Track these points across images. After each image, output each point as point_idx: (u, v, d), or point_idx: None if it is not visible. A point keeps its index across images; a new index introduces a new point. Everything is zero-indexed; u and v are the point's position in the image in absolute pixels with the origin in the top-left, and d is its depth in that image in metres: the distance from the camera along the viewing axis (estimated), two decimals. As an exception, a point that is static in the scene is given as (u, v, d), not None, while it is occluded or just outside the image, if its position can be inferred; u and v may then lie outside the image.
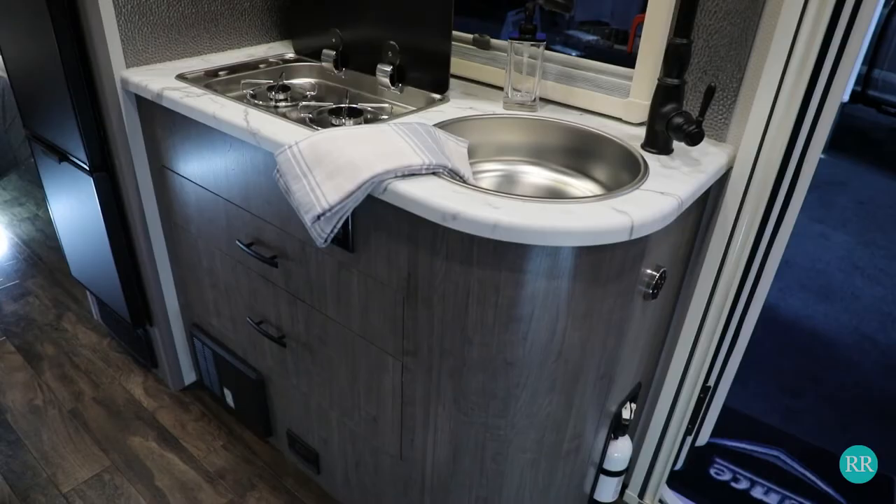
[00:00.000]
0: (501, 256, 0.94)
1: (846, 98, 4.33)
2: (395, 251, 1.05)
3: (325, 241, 1.02)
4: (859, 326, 2.65)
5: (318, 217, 0.98)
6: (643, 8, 1.18)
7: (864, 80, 4.38)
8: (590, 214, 0.90)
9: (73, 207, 1.80)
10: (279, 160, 1.04)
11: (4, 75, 2.38)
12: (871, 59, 4.29)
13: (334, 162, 0.99)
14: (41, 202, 3.05)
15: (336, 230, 1.01)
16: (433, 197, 0.93)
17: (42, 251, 2.70)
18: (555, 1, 0.97)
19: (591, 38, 4.03)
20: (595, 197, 0.96)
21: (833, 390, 2.26)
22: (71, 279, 2.48)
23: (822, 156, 4.62)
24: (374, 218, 1.05)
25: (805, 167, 1.21)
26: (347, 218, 1.05)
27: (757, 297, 1.44)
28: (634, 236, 0.91)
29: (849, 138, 4.63)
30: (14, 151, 2.44)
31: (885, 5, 4.13)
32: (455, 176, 1.01)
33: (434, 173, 0.99)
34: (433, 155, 1.00)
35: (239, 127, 1.18)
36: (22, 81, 1.75)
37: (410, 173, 0.98)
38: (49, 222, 2.88)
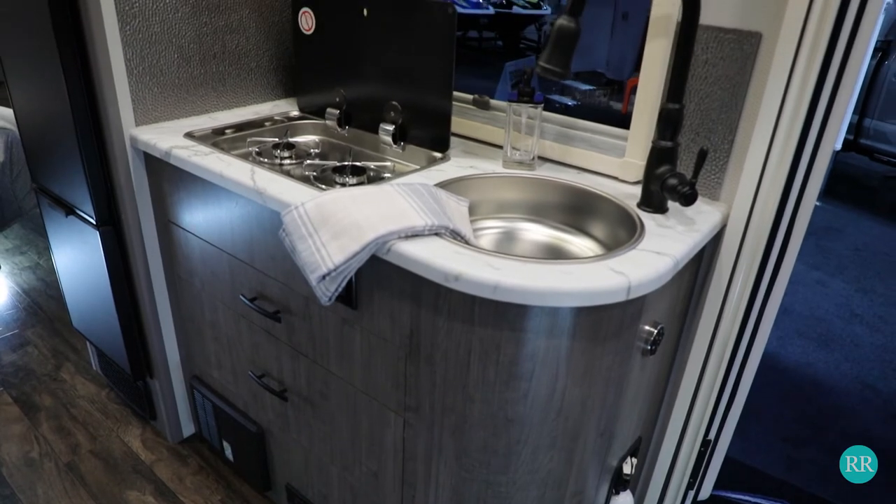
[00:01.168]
0: (502, 316, 0.96)
1: (839, 147, 4.42)
2: (398, 309, 1.07)
3: (330, 299, 1.04)
4: (860, 375, 2.65)
5: (324, 277, 1.00)
6: (637, 63, 1.23)
7: (855, 128, 4.47)
8: (588, 275, 0.93)
9: (78, 260, 1.82)
10: (285, 220, 1.07)
11: (13, 128, 2.43)
12: (862, 108, 4.39)
13: (339, 223, 1.02)
14: (43, 251, 3.07)
15: (340, 289, 1.03)
16: (436, 258, 0.95)
17: (42, 300, 2.71)
18: (550, 69, 1.01)
19: (587, 87, 4.13)
20: (593, 257, 0.98)
21: (835, 440, 2.25)
22: (71, 329, 2.49)
23: (818, 203, 4.67)
24: (378, 276, 1.08)
25: (799, 218, 1.23)
26: (351, 276, 1.07)
27: (755, 347, 1.45)
28: (632, 296, 0.93)
29: (843, 185, 4.71)
30: (19, 202, 2.47)
31: (872, 56, 4.26)
32: (457, 236, 1.04)
33: (436, 234, 1.02)
34: (435, 216, 1.03)
35: (245, 186, 1.22)
36: (32, 135, 1.80)
37: (413, 234, 1.00)
38: (50, 271, 2.90)
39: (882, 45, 4.22)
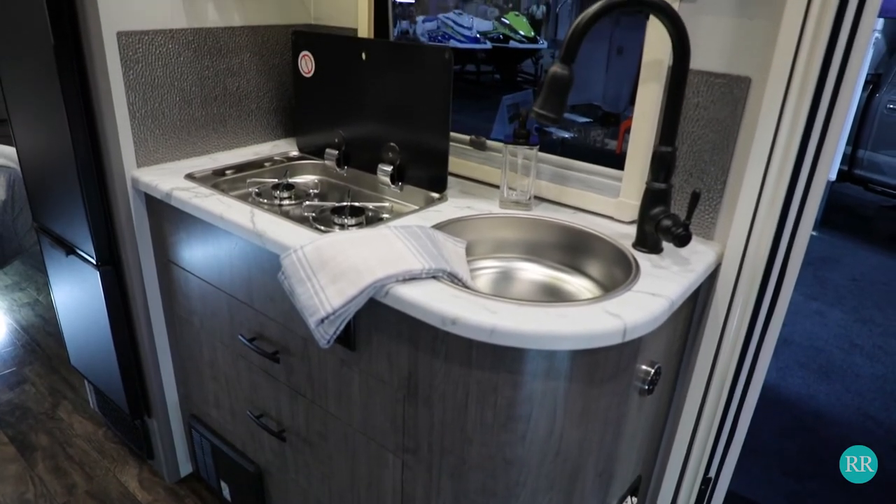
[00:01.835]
0: (499, 358, 0.96)
1: (833, 177, 4.47)
2: (396, 351, 1.08)
3: (329, 342, 1.05)
4: (862, 406, 2.64)
5: (322, 320, 1.01)
6: (632, 96, 1.26)
7: (849, 159, 4.52)
8: (584, 318, 0.93)
9: (77, 298, 1.83)
10: (284, 263, 1.08)
11: (15, 166, 2.46)
12: (855, 139, 4.44)
13: (338, 266, 1.03)
14: (42, 287, 3.08)
15: (339, 331, 1.04)
16: (433, 301, 0.96)
17: (41, 337, 2.71)
18: (544, 115, 1.03)
19: (584, 119, 4.20)
20: (589, 300, 0.99)
21: (838, 473, 2.23)
22: (69, 367, 2.48)
23: (814, 233, 4.70)
24: (376, 319, 1.08)
25: (794, 254, 1.24)
26: (350, 318, 1.08)
27: (754, 382, 1.45)
28: (627, 339, 0.94)
29: (839, 215, 4.74)
30: (20, 239, 2.49)
31: (864, 89, 4.33)
32: (454, 279, 1.05)
33: (434, 277, 1.03)
34: (433, 259, 1.04)
35: (245, 228, 1.23)
36: (34, 174, 1.82)
37: (411, 277, 1.01)
38: (49, 307, 2.90)
39: (872, 77, 4.30)
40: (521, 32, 5.47)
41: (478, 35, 5.44)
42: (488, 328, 0.91)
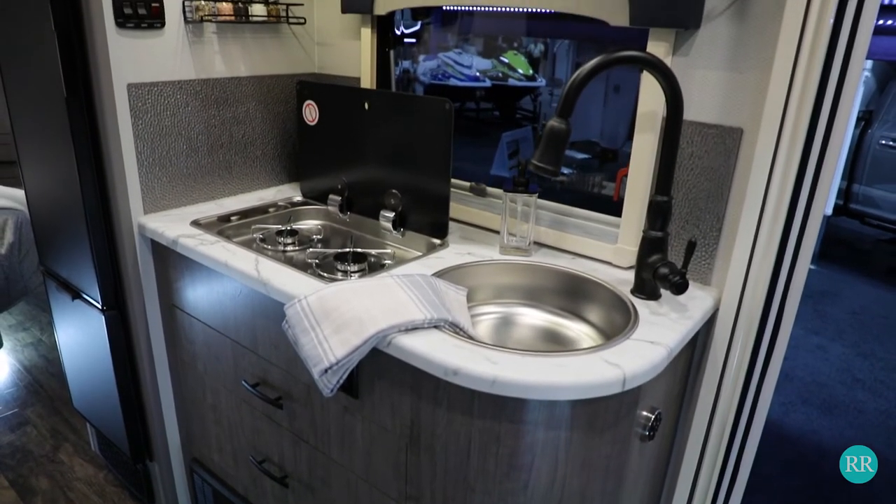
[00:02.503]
0: (501, 408, 0.98)
1: (829, 212, 4.51)
2: (399, 399, 1.09)
3: (332, 391, 1.06)
4: (865, 442, 2.62)
5: (326, 370, 1.02)
6: (630, 132, 1.29)
7: (844, 194, 4.57)
8: (583, 368, 0.95)
9: (82, 341, 1.84)
10: (289, 313, 1.10)
11: (23, 209, 2.49)
12: (850, 174, 4.50)
13: (342, 316, 1.05)
14: (45, 326, 3.09)
15: (342, 380, 1.05)
16: (435, 352, 0.97)
17: (43, 378, 2.71)
18: (542, 168, 1.07)
19: (582, 156, 4.26)
20: (588, 349, 1.01)
21: (843, 512, 2.21)
22: (71, 408, 2.47)
23: (813, 266, 4.72)
24: (379, 367, 1.10)
25: (790, 298, 1.26)
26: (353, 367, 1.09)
27: (755, 423, 1.45)
28: (627, 388, 0.95)
29: (837, 249, 4.77)
30: (25, 281, 2.51)
31: (856, 125, 4.40)
32: (456, 328, 1.06)
33: (436, 326, 1.05)
34: (434, 309, 1.06)
35: (250, 276, 1.25)
36: (42, 218, 1.85)
37: (413, 327, 1.03)
38: (52, 347, 2.91)
39: (864, 114, 4.37)
40: (520, 71, 5.57)
41: (477, 74, 5.54)
42: (489, 379, 0.93)
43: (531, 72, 5.63)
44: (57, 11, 1.40)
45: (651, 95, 1.22)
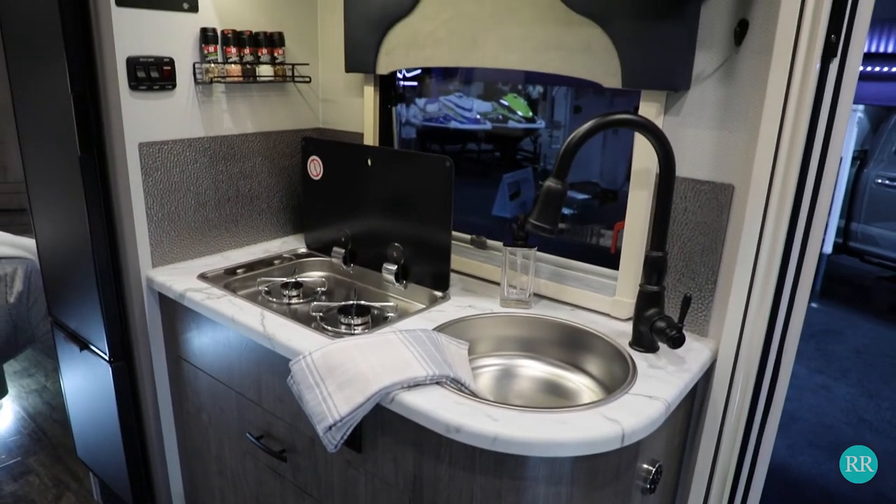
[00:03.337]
0: (502, 465, 0.99)
1: (829, 250, 4.53)
2: (402, 454, 1.10)
3: (336, 446, 1.08)
4: (874, 484, 2.59)
5: (330, 427, 1.04)
6: (628, 175, 1.33)
7: (843, 232, 4.60)
8: (583, 424, 0.97)
9: (88, 392, 1.86)
10: (294, 369, 1.12)
11: (33, 258, 2.54)
12: (848, 213, 4.54)
13: (346, 373, 1.07)
14: (51, 373, 3.10)
15: (346, 436, 1.07)
16: (437, 409, 1.00)
17: (47, 425, 2.71)
18: (540, 226, 1.10)
19: (583, 196, 4.32)
20: (587, 405, 1.03)
21: (853, 559, 2.18)
22: (74, 456, 2.47)
23: (814, 305, 4.71)
24: (382, 423, 1.12)
25: (787, 345, 1.28)
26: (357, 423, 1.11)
27: (758, 470, 1.45)
28: (626, 444, 0.97)
29: (838, 287, 4.78)
30: (33, 329, 2.54)
31: (852, 164, 4.46)
32: (457, 384, 1.08)
33: (437, 383, 1.07)
34: (436, 365, 1.08)
35: (256, 331, 1.28)
36: (52, 269, 1.89)
37: (416, 384, 1.05)
38: (56, 394, 2.91)
39: (859, 154, 4.44)
40: (520, 113, 5.67)
41: (478, 116, 5.64)
42: (490, 436, 0.95)
43: (531, 114, 5.74)
44: (74, 75, 1.46)
45: (645, 153, 1.27)
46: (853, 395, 3.31)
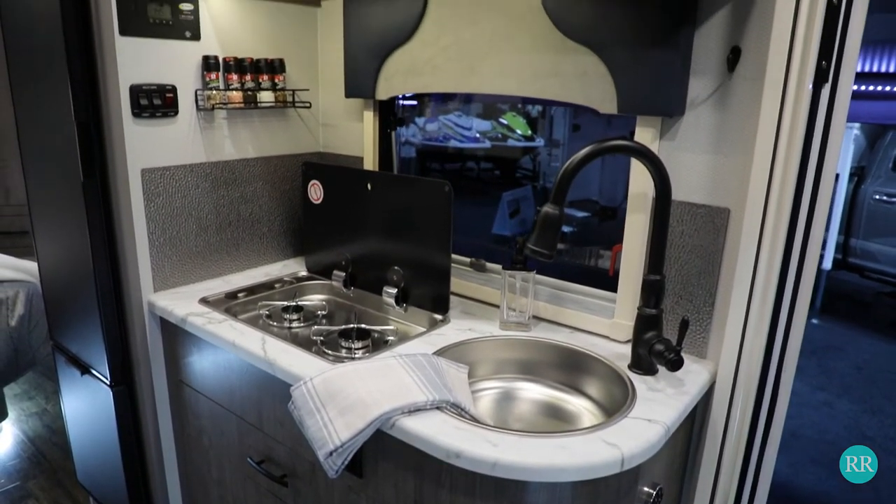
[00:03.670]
0: (503, 490, 0.99)
1: (828, 266, 4.55)
2: (403, 479, 1.11)
3: (337, 472, 1.08)
4: (879, 501, 2.58)
5: (331, 453, 1.05)
6: (626, 193, 1.34)
7: (842, 248, 4.62)
8: (583, 449, 0.97)
9: (89, 416, 1.86)
10: (294, 395, 1.13)
11: (34, 280, 2.55)
12: (846, 229, 4.56)
13: (346, 398, 1.08)
14: (51, 395, 3.09)
15: (347, 462, 1.07)
16: (437, 435, 1.00)
17: (46, 448, 2.70)
18: (538, 251, 1.11)
19: (582, 214, 4.35)
20: (587, 429, 1.03)
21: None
22: (73, 480, 2.46)
23: (815, 321, 4.70)
24: (383, 448, 1.12)
25: (786, 368, 1.28)
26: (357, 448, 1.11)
27: (760, 489, 1.45)
28: (626, 468, 0.97)
29: (838, 302, 4.78)
30: (34, 352, 2.54)
31: (849, 181, 4.49)
32: (457, 408, 1.09)
33: (437, 408, 1.07)
34: (436, 390, 1.09)
35: (257, 356, 1.29)
36: (54, 293, 1.90)
37: (416, 409, 1.06)
38: (56, 417, 2.91)
39: (857, 170, 4.47)
40: (519, 132, 5.71)
41: (477, 135, 5.68)
42: (490, 462, 0.95)
43: (530, 132, 5.78)
44: (77, 102, 1.49)
45: (641, 177, 1.28)
46: (855, 411, 3.30)
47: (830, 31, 1.10)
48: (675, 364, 1.14)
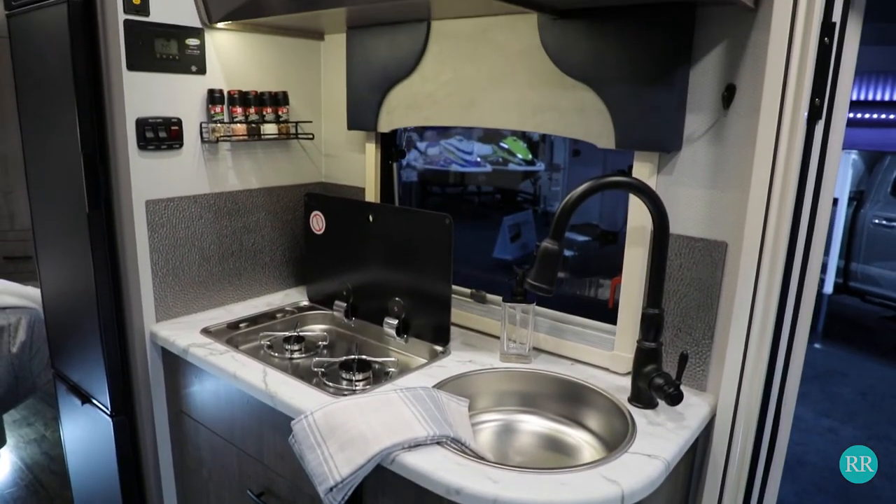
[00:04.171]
0: (503, 527, 0.99)
1: (829, 290, 4.54)
2: (403, 515, 1.10)
3: (336, 507, 1.08)
4: (886, 533, 2.55)
5: (332, 489, 1.05)
6: (625, 219, 1.35)
7: (843, 272, 4.62)
8: (583, 486, 0.97)
9: (88, 445, 1.86)
10: (295, 429, 1.13)
11: (36, 307, 2.55)
12: (847, 253, 4.57)
13: (347, 433, 1.08)
14: (50, 422, 3.09)
15: (347, 496, 1.07)
16: (437, 470, 1.00)
17: (44, 476, 2.69)
18: (538, 286, 1.12)
19: (583, 238, 4.36)
20: (587, 465, 1.03)
21: None
22: (72, 508, 2.45)
23: (817, 345, 4.68)
24: (383, 483, 1.12)
25: (786, 400, 1.28)
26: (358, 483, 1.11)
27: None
28: (627, 505, 0.97)
29: (840, 327, 4.76)
30: (34, 378, 2.54)
31: (848, 205, 4.51)
32: (458, 443, 1.09)
33: (438, 443, 1.07)
34: (437, 425, 1.09)
35: (258, 388, 1.29)
36: (56, 320, 1.90)
37: (416, 444, 1.06)
38: (55, 444, 2.90)
39: (855, 195, 4.49)
40: (520, 156, 5.76)
41: (478, 159, 5.73)
42: (491, 499, 0.95)
43: (530, 157, 5.83)
44: (84, 136, 1.51)
45: (639, 211, 1.29)
46: (860, 438, 3.28)
47: (823, 69, 1.12)
48: (675, 399, 1.14)
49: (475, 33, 1.47)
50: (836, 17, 1.10)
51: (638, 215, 1.30)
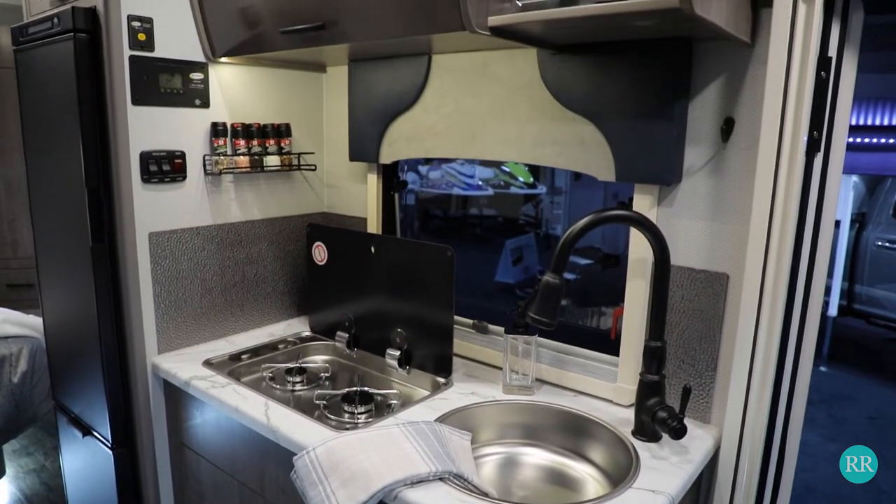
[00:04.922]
0: (507, 566, 0.98)
1: (834, 313, 4.52)
2: (405, 553, 1.09)
3: (339, 546, 1.07)
4: (895, 563, 2.51)
5: (333, 527, 1.04)
6: (627, 243, 1.34)
7: (847, 295, 4.61)
8: (587, 524, 0.96)
9: (88, 478, 1.84)
10: (297, 465, 1.12)
11: (38, 336, 2.55)
12: (850, 275, 4.56)
13: (349, 469, 1.07)
14: (50, 451, 3.07)
15: (348, 535, 1.06)
16: (440, 509, 0.99)
17: (45, 507, 2.66)
18: (539, 320, 1.13)
19: (586, 261, 4.36)
20: (591, 501, 1.02)
21: None
22: (72, 541, 2.42)
23: (823, 368, 4.65)
24: (385, 520, 1.11)
25: (792, 422, 1.27)
26: (359, 520, 1.10)
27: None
28: (632, 544, 0.96)
29: (846, 349, 4.73)
30: (35, 408, 2.53)
31: (851, 227, 4.51)
32: (460, 479, 1.08)
33: (440, 479, 1.07)
34: (439, 460, 1.08)
35: (260, 423, 1.28)
36: (58, 351, 1.90)
37: (419, 480, 1.05)
38: (55, 474, 2.88)
39: (857, 216, 4.49)
40: (521, 179, 5.78)
41: (480, 182, 5.75)
42: (494, 538, 0.94)
43: (532, 180, 5.85)
44: (89, 169, 1.52)
45: (640, 244, 1.30)
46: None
47: (820, 102, 1.13)
48: (679, 432, 1.13)
49: (476, 67, 1.49)
50: (833, 51, 1.12)
51: (639, 247, 1.30)
